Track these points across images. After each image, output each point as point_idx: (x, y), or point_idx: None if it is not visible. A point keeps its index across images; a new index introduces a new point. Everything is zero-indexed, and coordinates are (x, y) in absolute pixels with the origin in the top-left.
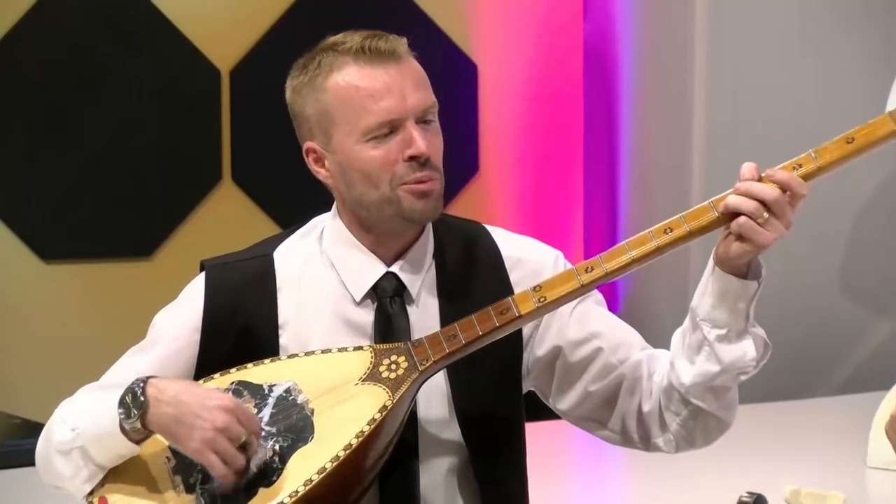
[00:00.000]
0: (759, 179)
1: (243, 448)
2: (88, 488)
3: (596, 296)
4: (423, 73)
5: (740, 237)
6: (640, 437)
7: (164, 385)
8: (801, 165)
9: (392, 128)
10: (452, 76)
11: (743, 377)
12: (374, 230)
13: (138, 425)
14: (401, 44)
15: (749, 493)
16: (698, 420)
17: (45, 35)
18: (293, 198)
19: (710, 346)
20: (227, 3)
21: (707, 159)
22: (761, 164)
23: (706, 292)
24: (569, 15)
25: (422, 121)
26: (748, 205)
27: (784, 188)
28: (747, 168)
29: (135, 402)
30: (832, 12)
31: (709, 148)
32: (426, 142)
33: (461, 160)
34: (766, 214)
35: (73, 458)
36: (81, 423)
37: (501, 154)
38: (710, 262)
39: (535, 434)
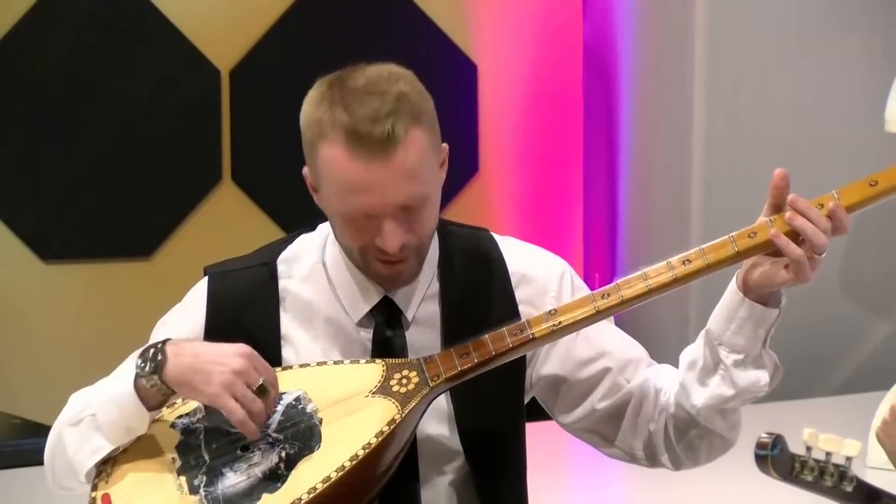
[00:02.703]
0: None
1: (261, 393)
2: (90, 463)
3: None
4: (417, 160)
5: (791, 267)
6: (645, 454)
7: (182, 342)
8: (822, 205)
9: (368, 216)
10: (452, 76)
11: (752, 401)
12: None
13: (156, 379)
14: (401, 125)
15: (768, 433)
16: (704, 440)
17: (45, 35)
18: (293, 198)
19: (727, 370)
20: (227, 3)
21: (707, 159)
22: (760, 165)
23: (728, 317)
24: (569, 15)
25: (403, 210)
26: (820, 239)
27: (834, 221)
28: (781, 176)
29: (154, 358)
30: (832, 12)
31: (709, 148)
32: (398, 238)
33: (461, 160)
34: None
35: (82, 428)
36: (93, 393)
37: (501, 154)
38: (733, 287)
39: (536, 434)
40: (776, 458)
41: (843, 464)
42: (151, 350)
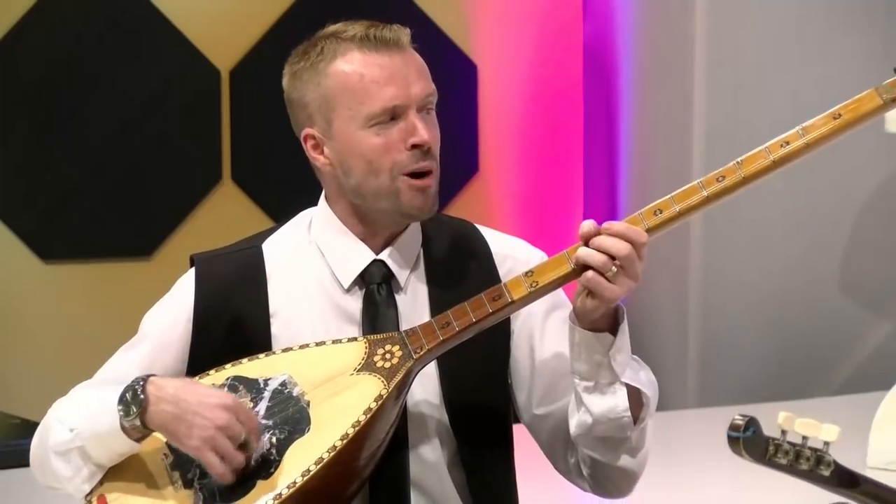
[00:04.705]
0: (598, 233)
1: (242, 447)
2: (88, 488)
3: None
4: (424, 64)
5: (590, 292)
6: (564, 470)
7: (164, 383)
8: (788, 143)
9: (394, 115)
10: (452, 76)
11: (631, 429)
12: (366, 219)
13: (137, 423)
14: (404, 34)
15: (742, 415)
16: (599, 469)
17: (45, 35)
18: (293, 198)
19: (580, 398)
20: (227, 3)
21: (707, 159)
22: None
23: (569, 345)
24: (569, 15)
25: (423, 109)
26: (597, 258)
27: (624, 240)
28: (586, 224)
29: (134, 400)
30: (832, 13)
31: (709, 148)
32: (428, 131)
33: (461, 160)
34: (614, 269)
35: (72, 458)
36: (80, 423)
37: (501, 154)
38: (572, 314)
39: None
40: (749, 440)
41: (821, 448)
42: (130, 393)
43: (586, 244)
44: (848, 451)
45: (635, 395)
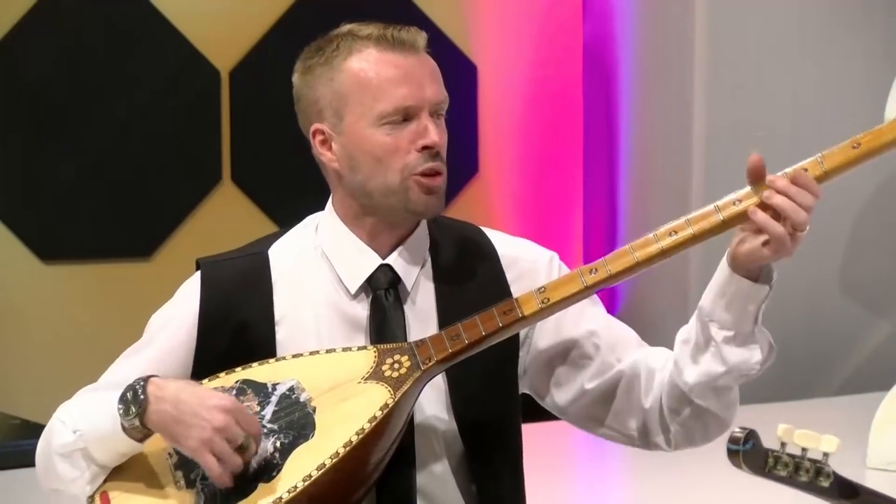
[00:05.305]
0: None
1: (241, 450)
2: (92, 489)
3: (591, 296)
4: (438, 70)
5: (771, 243)
6: (639, 434)
7: (165, 383)
8: (806, 170)
9: (406, 116)
10: (452, 77)
11: (745, 379)
12: (371, 219)
13: (137, 423)
14: (421, 37)
15: (741, 428)
16: (699, 419)
17: (45, 35)
18: (293, 198)
19: (717, 347)
20: (227, 3)
21: (707, 159)
22: None
23: (718, 293)
24: (568, 15)
25: (434, 114)
26: (802, 215)
27: (811, 193)
28: (755, 161)
29: (135, 400)
30: (832, 13)
31: (708, 148)
32: (439, 132)
33: (461, 161)
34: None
35: (76, 459)
36: (83, 425)
37: (501, 154)
38: (724, 262)
39: (535, 435)
40: (748, 453)
41: (821, 459)
42: (130, 393)
43: (754, 183)
44: (848, 452)
45: None
